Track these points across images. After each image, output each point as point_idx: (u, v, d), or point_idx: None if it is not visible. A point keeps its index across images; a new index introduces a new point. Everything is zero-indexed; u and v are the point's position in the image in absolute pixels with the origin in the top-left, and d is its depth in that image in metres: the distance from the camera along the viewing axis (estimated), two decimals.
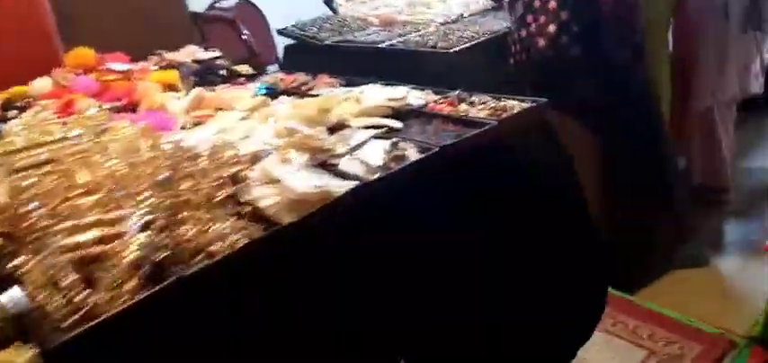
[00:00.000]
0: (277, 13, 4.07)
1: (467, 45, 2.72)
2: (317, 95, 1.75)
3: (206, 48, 2.30)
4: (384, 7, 3.51)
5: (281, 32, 3.40)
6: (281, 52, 3.67)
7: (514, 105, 1.47)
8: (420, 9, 3.41)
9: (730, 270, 2.33)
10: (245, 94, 1.81)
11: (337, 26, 3.38)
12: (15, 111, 1.73)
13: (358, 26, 3.36)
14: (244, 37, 3.03)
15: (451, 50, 2.69)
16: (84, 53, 2.06)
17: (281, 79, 2.04)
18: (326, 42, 3.16)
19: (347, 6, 3.62)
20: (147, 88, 1.82)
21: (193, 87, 2.06)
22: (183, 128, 1.62)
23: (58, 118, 1.69)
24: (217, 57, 2.18)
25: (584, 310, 1.53)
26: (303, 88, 1.91)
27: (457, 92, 1.64)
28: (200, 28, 3.23)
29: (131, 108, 1.82)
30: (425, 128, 1.48)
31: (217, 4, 4.09)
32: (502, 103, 1.50)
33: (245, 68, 2.17)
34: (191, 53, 2.22)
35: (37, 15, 2.19)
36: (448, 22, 3.16)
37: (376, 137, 1.41)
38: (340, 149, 1.35)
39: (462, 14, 3.23)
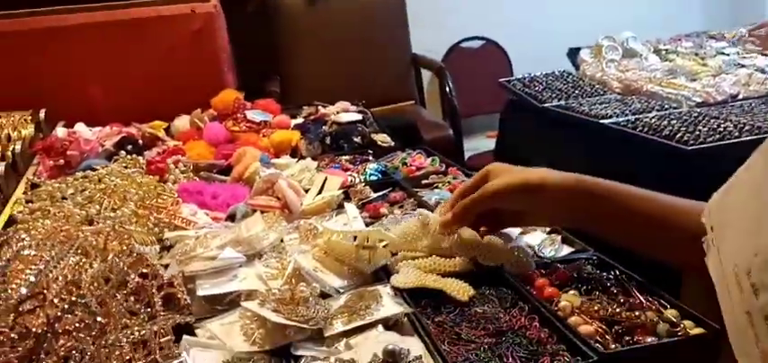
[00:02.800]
0: (526, 58, 3.52)
1: (714, 143, 1.88)
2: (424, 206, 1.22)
3: (361, 106, 1.91)
4: (636, 71, 2.71)
5: (502, 85, 2.85)
6: None
7: None
8: (680, 80, 2.53)
9: None
10: (334, 181, 1.37)
11: (569, 86, 2.70)
12: (123, 153, 1.58)
13: (594, 90, 2.64)
14: (446, 90, 2.57)
15: (689, 147, 1.87)
16: (228, 96, 1.85)
17: (407, 163, 1.54)
18: (545, 105, 2.53)
19: (592, 63, 2.89)
20: (244, 153, 1.51)
21: (320, 152, 1.70)
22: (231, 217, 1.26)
23: (147, 171, 1.49)
24: (358, 121, 1.77)
25: None
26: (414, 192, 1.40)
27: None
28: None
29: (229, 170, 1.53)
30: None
31: (462, 44, 3.70)
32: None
33: (383, 139, 1.72)
34: (340, 110, 1.86)
35: (211, 47, 2.06)
36: (708, 104, 2.27)
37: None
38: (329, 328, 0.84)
39: (733, 96, 2.29)
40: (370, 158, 1.62)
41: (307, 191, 1.38)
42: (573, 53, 3.01)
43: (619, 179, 2.23)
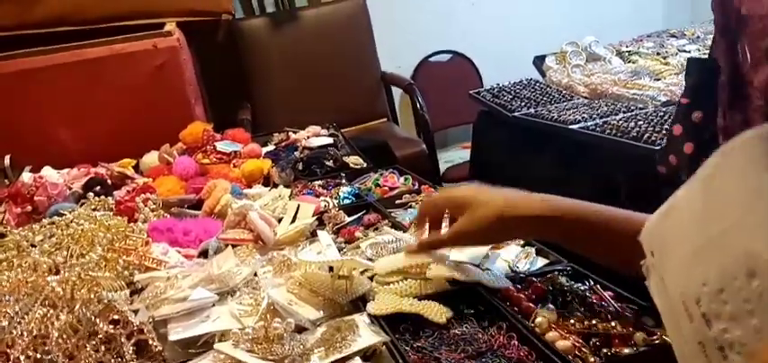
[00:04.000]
0: (494, 69, 3.54)
1: None
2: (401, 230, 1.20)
3: (333, 129, 1.89)
4: (601, 74, 2.74)
5: (472, 97, 2.86)
6: None
7: None
8: (644, 81, 2.56)
9: None
10: (307, 209, 1.35)
11: (537, 94, 2.72)
12: (92, 195, 1.53)
13: (561, 96, 2.66)
14: (417, 105, 2.56)
15: (656, 146, 1.88)
16: (196, 128, 1.82)
17: (380, 184, 1.53)
18: (514, 114, 2.54)
19: (557, 70, 2.92)
20: (215, 186, 1.48)
21: (293, 178, 1.68)
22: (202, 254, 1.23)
23: (116, 211, 1.45)
24: (329, 145, 1.75)
25: None
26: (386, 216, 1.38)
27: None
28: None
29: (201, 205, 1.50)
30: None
31: (431, 59, 3.70)
32: None
33: (355, 160, 1.71)
34: (311, 135, 1.84)
35: (176, 80, 2.03)
36: (673, 103, 2.29)
37: None
38: None
39: None
40: (343, 181, 1.60)
41: (280, 220, 1.35)
42: (538, 61, 3.04)
43: (590, 183, 2.23)
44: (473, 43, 3.65)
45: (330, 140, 1.77)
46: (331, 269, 1.00)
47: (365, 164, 1.69)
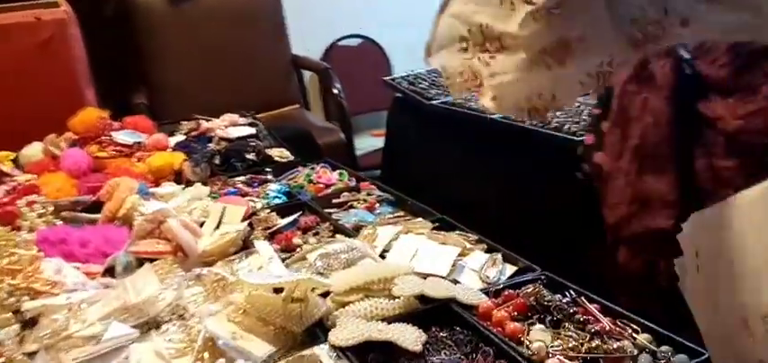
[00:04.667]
0: (405, 56, 3.43)
1: None
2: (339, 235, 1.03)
3: (251, 117, 1.68)
4: None
5: (387, 83, 2.73)
6: None
7: None
8: None
9: None
10: (235, 212, 1.15)
11: None
12: None
13: None
14: (334, 91, 2.39)
15: (578, 137, 1.85)
16: (89, 115, 1.54)
17: (313, 181, 1.35)
18: (432, 102, 2.44)
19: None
20: (117, 185, 1.23)
21: (209, 175, 1.46)
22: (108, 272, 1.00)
23: None
24: (250, 136, 1.55)
25: None
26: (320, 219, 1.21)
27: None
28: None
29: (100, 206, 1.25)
30: None
31: (339, 43, 3.53)
32: None
33: (280, 153, 1.52)
34: (228, 124, 1.62)
35: (64, 59, 1.71)
36: (586, 93, 2.29)
37: None
38: None
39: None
40: (270, 177, 1.41)
41: (201, 226, 1.14)
42: None
43: (510, 172, 2.18)
44: (383, 29, 3.52)
45: (251, 130, 1.56)
46: (278, 291, 0.83)
47: (292, 157, 1.50)
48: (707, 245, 0.53)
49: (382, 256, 0.99)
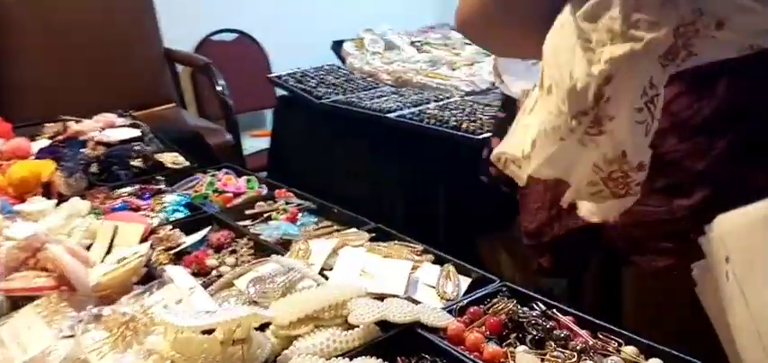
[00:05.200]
0: (284, 52, 3.25)
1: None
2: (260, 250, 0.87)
3: (130, 117, 1.44)
4: (400, 63, 2.65)
5: (272, 81, 2.55)
6: None
7: None
8: (443, 71, 2.54)
9: None
10: (132, 231, 0.95)
11: (342, 81, 2.53)
12: None
13: (366, 84, 2.51)
14: (218, 88, 2.17)
15: (478, 136, 1.83)
16: None
17: (218, 191, 1.17)
18: (322, 101, 2.31)
19: (357, 56, 2.76)
20: None
21: (86, 186, 1.21)
22: None
23: None
24: (134, 139, 1.32)
25: None
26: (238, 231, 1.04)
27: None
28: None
29: None
30: None
31: (213, 38, 3.26)
32: None
33: (173, 158, 1.31)
34: (104, 125, 1.37)
35: None
36: (475, 93, 2.30)
37: None
38: None
39: (494, 84, 2.36)
40: (163, 187, 1.20)
41: (88, 250, 0.93)
42: (337, 46, 2.85)
43: (410, 172, 2.14)
44: (261, 24, 3.31)
45: (134, 133, 1.33)
46: (208, 331, 0.66)
47: (188, 163, 1.30)
48: (740, 250, 0.48)
49: (323, 276, 0.86)
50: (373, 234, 0.98)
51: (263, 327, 0.73)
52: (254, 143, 3.12)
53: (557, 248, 1.22)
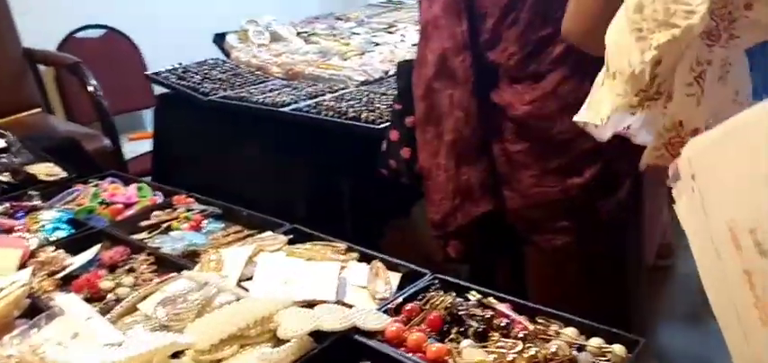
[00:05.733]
0: (159, 48, 3.00)
1: None
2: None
3: None
4: (289, 55, 2.55)
5: (151, 79, 2.35)
6: None
7: None
8: (335, 61, 2.48)
9: None
10: (8, 257, 0.80)
11: (229, 75, 2.38)
12: None
13: (256, 77, 2.38)
14: (90, 89, 1.95)
15: (378, 126, 1.79)
16: None
17: (105, 202, 1.03)
18: (211, 98, 2.16)
19: (242, 49, 2.62)
20: None
21: None
22: None
23: None
24: (1, 150, 1.13)
25: None
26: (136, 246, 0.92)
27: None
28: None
29: None
30: None
31: (77, 34, 2.95)
32: None
33: (47, 170, 1.14)
34: None
35: None
36: (369, 82, 2.26)
37: None
38: None
39: (387, 72, 2.34)
40: (38, 202, 1.04)
41: None
42: (219, 39, 2.69)
43: (311, 166, 2.06)
44: (130, 18, 3.04)
45: (0, 143, 1.14)
46: None
47: (65, 174, 1.14)
48: (704, 167, 0.53)
49: (242, 288, 0.77)
50: (291, 237, 0.91)
51: (178, 354, 0.63)
52: (134, 147, 2.87)
53: (462, 236, 1.23)
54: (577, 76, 1.08)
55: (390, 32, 2.91)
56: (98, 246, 0.90)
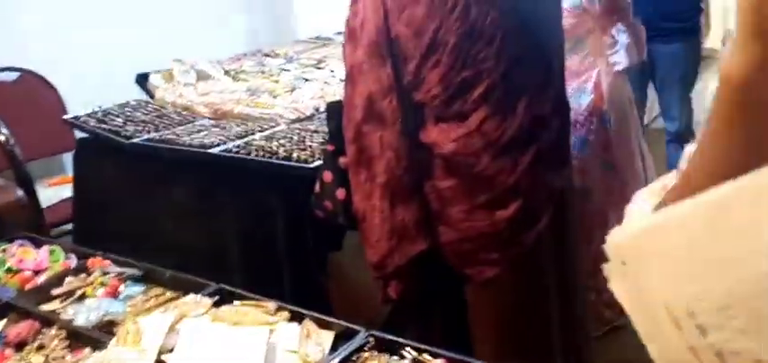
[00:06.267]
0: (78, 90, 2.85)
1: None
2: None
3: None
4: (217, 94, 2.48)
5: (69, 123, 2.22)
6: None
7: None
8: (264, 99, 2.43)
9: None
10: None
11: (153, 117, 2.29)
12: None
13: (182, 118, 2.29)
14: (1, 138, 1.82)
15: (311, 166, 1.76)
16: None
17: (11, 269, 0.94)
18: (134, 141, 2.06)
19: (167, 89, 2.53)
20: None
21: None
22: None
23: None
24: None
25: None
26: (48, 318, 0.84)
27: None
28: None
29: None
30: None
31: None
32: None
33: None
34: None
35: None
36: (300, 119, 2.23)
37: None
38: None
39: (318, 109, 2.31)
40: None
41: None
42: (142, 79, 2.59)
43: (243, 209, 2.00)
44: (47, 61, 2.88)
45: None
46: None
47: None
48: (634, 255, 0.52)
49: None
50: (216, 298, 0.86)
51: None
52: (54, 192, 2.70)
53: (401, 276, 1.21)
54: (498, 115, 1.11)
55: (320, 68, 2.89)
56: (4, 321, 0.81)
